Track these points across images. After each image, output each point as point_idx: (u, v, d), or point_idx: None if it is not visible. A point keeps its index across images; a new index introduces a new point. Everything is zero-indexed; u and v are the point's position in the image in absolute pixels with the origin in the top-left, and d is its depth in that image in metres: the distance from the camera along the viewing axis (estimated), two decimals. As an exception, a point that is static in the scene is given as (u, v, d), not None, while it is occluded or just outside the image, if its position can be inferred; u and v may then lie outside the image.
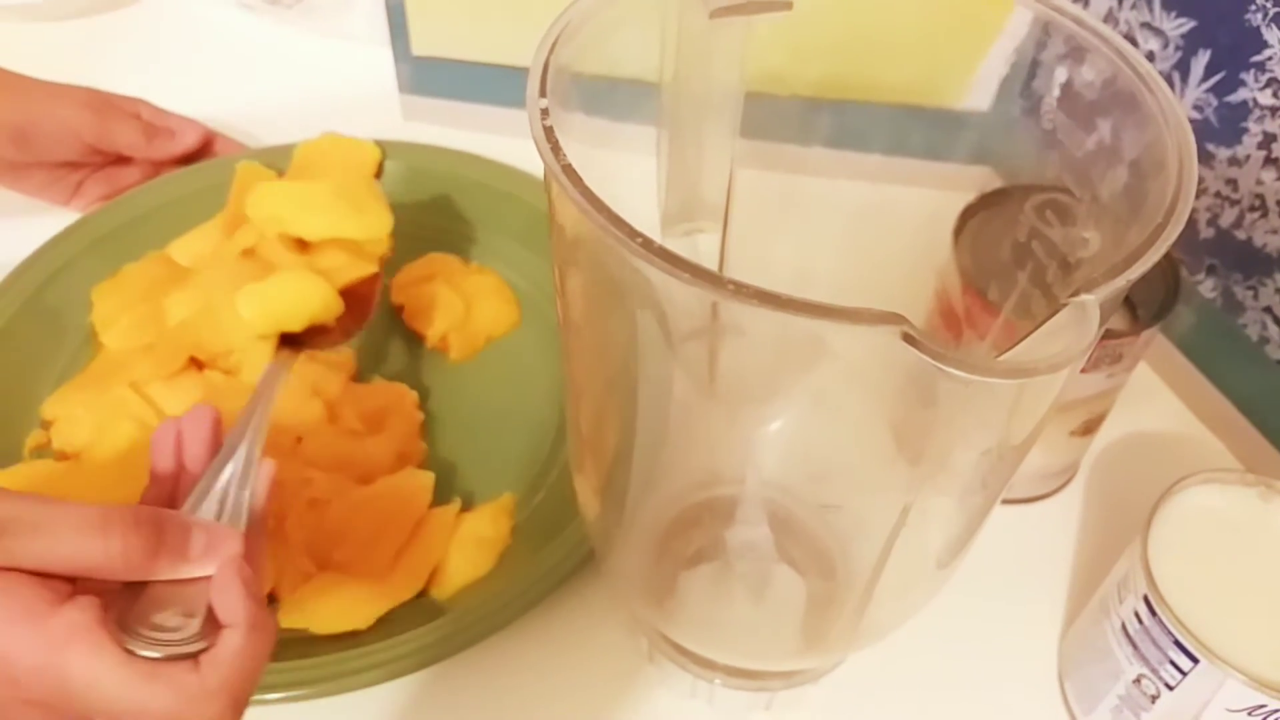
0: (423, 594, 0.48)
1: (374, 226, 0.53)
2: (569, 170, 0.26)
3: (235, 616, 0.32)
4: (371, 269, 0.53)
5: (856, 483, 0.39)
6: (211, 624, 0.32)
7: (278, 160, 0.64)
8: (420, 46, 0.69)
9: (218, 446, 0.38)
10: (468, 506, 0.51)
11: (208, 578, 0.33)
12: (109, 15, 0.82)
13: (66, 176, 0.64)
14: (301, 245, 0.54)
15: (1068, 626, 0.49)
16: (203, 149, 0.67)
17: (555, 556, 0.47)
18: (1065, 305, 0.24)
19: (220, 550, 0.33)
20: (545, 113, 0.27)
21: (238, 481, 0.37)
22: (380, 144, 0.65)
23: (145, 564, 0.32)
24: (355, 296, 0.53)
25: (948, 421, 0.29)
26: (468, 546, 0.48)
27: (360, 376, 0.57)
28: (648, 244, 0.24)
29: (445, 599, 0.48)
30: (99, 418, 0.52)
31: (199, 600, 0.32)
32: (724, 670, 0.44)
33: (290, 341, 0.50)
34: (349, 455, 0.51)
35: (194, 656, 0.31)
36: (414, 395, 0.55)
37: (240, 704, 0.31)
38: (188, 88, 0.71)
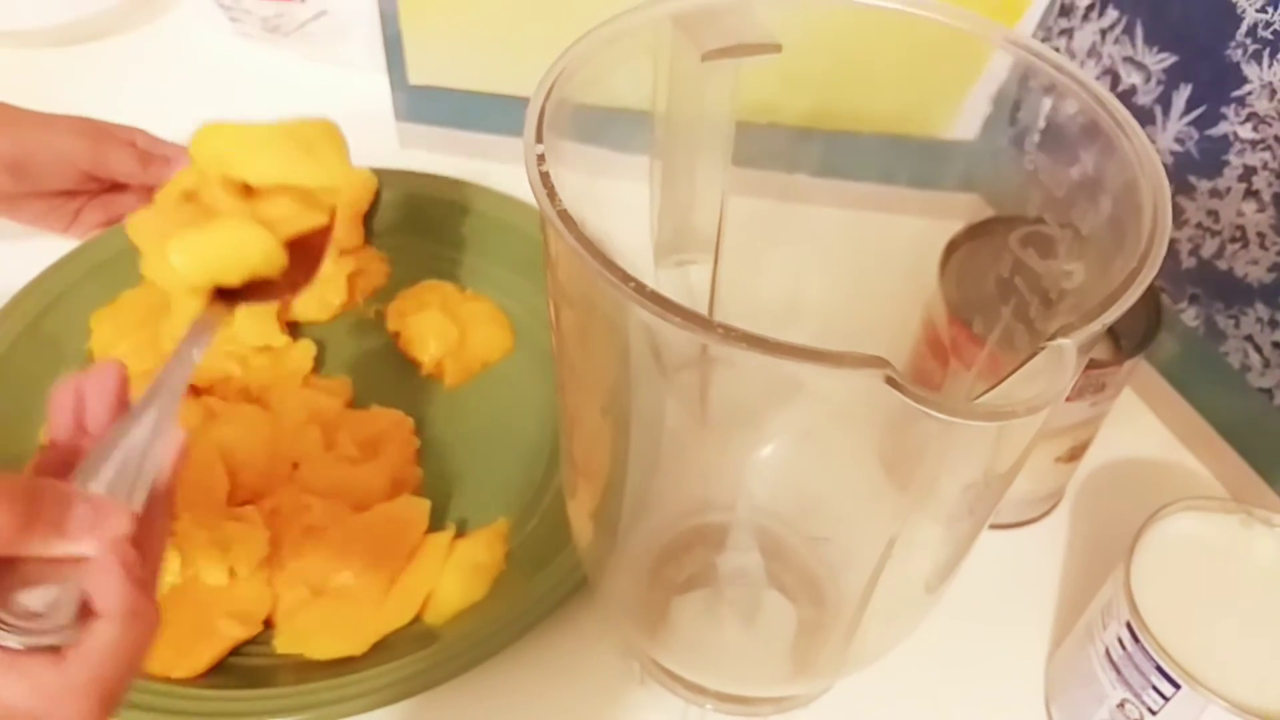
0: (416, 620, 0.48)
1: (327, 174, 0.50)
2: (564, 216, 0.26)
3: (111, 604, 0.29)
4: (322, 220, 0.49)
5: (844, 515, 0.40)
6: (87, 610, 0.29)
7: None
8: (417, 75, 0.70)
9: (124, 409, 0.34)
10: (462, 532, 0.51)
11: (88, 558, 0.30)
12: (104, 42, 0.83)
13: (63, 205, 0.64)
14: (247, 191, 0.49)
15: (1054, 650, 0.50)
16: None
17: (548, 582, 0.48)
18: (1043, 349, 0.25)
19: (104, 528, 0.30)
20: (542, 158, 0.28)
21: (141, 450, 0.33)
22: (377, 172, 0.66)
23: (14, 538, 0.28)
24: (304, 249, 0.48)
25: (932, 456, 0.29)
26: (462, 572, 0.49)
27: (356, 403, 0.57)
28: (640, 288, 0.25)
29: (439, 625, 0.48)
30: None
31: (76, 582, 0.29)
32: (715, 695, 0.45)
33: (228, 296, 0.45)
34: (345, 482, 0.52)
35: (60, 649, 0.28)
36: (410, 421, 0.56)
37: (109, 702, 0.28)
38: (184, 115, 0.71)
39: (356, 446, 0.54)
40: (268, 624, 0.48)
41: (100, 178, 0.64)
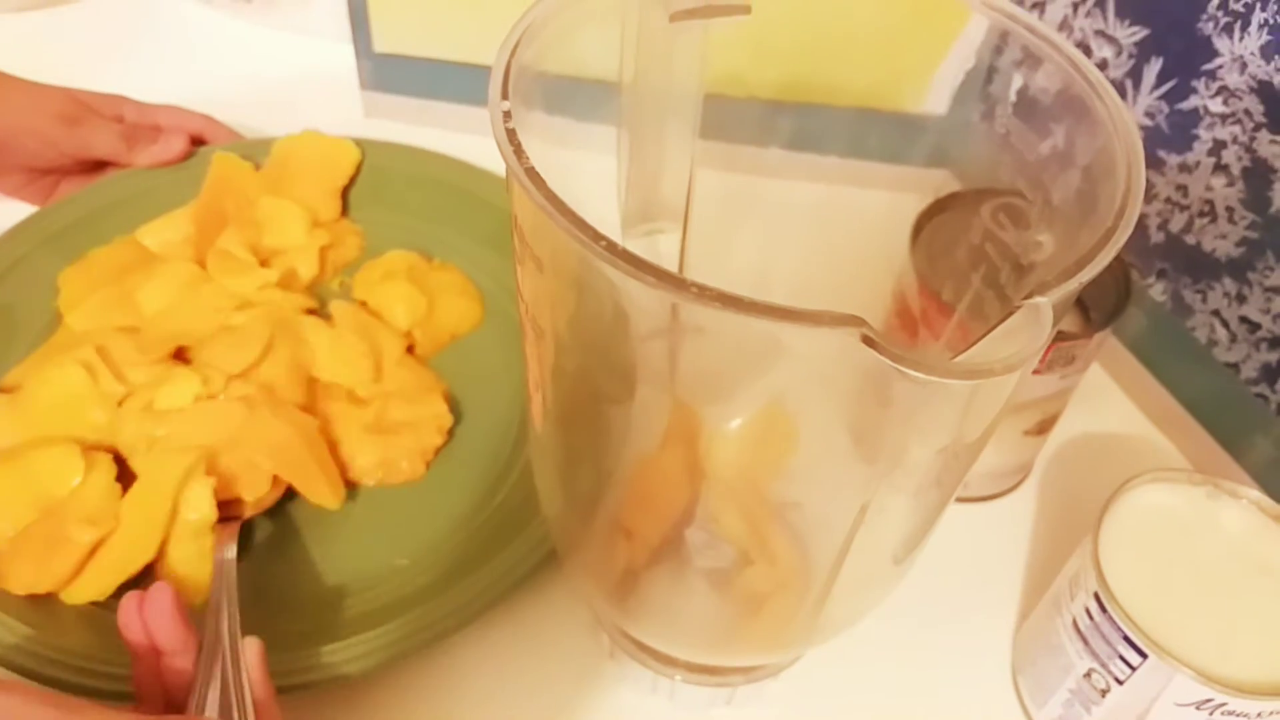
0: (379, 588, 0.48)
1: None
2: (532, 173, 0.26)
3: None
4: None
5: (816, 481, 0.40)
6: None
7: (256, 154, 0.64)
8: (382, 43, 0.69)
9: (183, 619, 0.38)
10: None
11: None
12: (64, 8, 0.81)
13: (42, 179, 0.63)
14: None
15: (1022, 622, 0.50)
16: (193, 142, 0.65)
17: (517, 554, 0.48)
18: (1019, 307, 0.24)
19: None
20: (508, 115, 0.27)
21: (231, 667, 0.38)
22: (358, 143, 0.65)
23: None
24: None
25: (904, 420, 0.29)
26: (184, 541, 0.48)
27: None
28: (611, 247, 0.24)
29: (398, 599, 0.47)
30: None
31: None
32: (685, 666, 0.45)
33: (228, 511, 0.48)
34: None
35: None
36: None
37: None
38: (143, 82, 0.70)
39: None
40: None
41: (84, 159, 0.63)
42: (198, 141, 0.65)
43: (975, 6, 0.35)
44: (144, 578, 0.47)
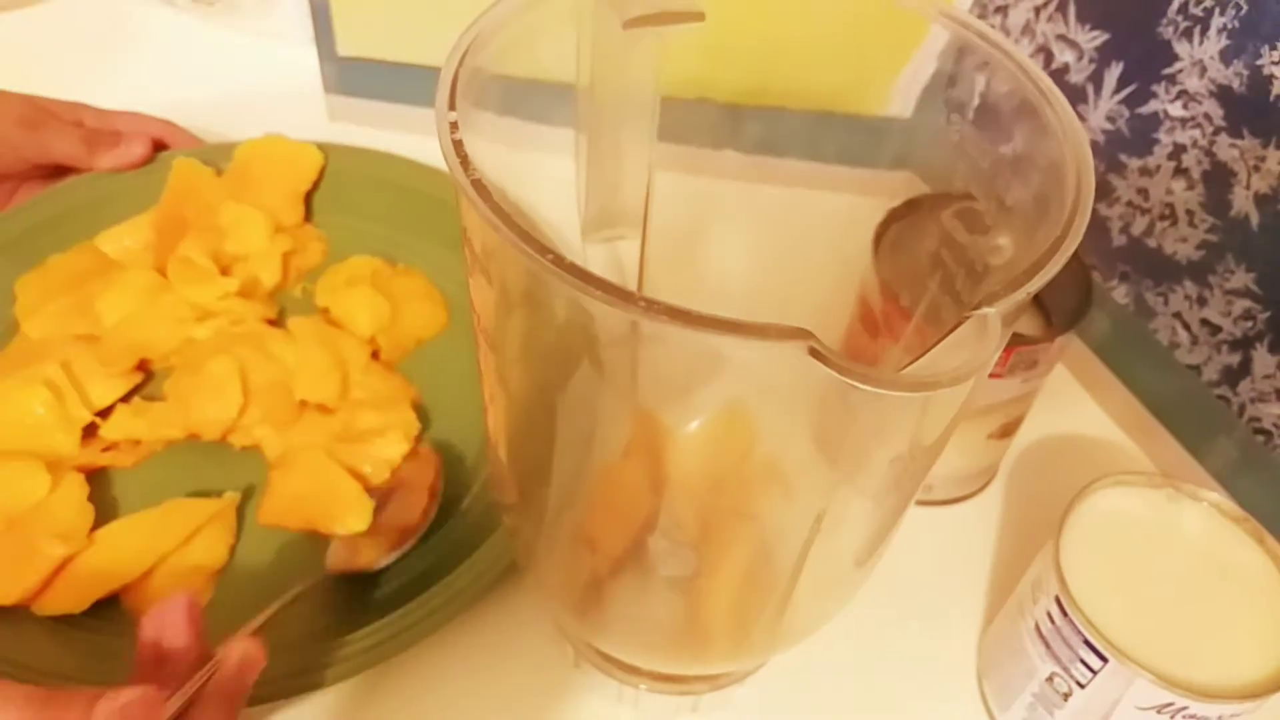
0: (342, 600, 0.47)
1: None
2: (478, 185, 0.26)
3: None
4: None
5: (776, 486, 0.40)
6: None
7: (217, 159, 0.63)
8: (346, 47, 0.68)
9: (196, 627, 0.39)
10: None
11: None
12: (26, 10, 0.80)
13: (1, 184, 0.62)
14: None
15: (986, 626, 0.50)
16: (155, 147, 0.65)
17: (481, 564, 0.47)
18: (968, 318, 0.24)
19: None
20: (455, 126, 0.27)
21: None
22: (322, 147, 0.65)
23: None
24: None
25: (860, 427, 0.29)
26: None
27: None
28: (559, 261, 0.24)
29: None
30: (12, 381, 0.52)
31: None
32: (649, 675, 0.44)
33: None
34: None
35: None
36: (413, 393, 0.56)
37: None
38: (105, 84, 0.69)
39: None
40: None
41: (42, 164, 0.62)
42: (159, 146, 0.64)
43: (934, 18, 0.35)
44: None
